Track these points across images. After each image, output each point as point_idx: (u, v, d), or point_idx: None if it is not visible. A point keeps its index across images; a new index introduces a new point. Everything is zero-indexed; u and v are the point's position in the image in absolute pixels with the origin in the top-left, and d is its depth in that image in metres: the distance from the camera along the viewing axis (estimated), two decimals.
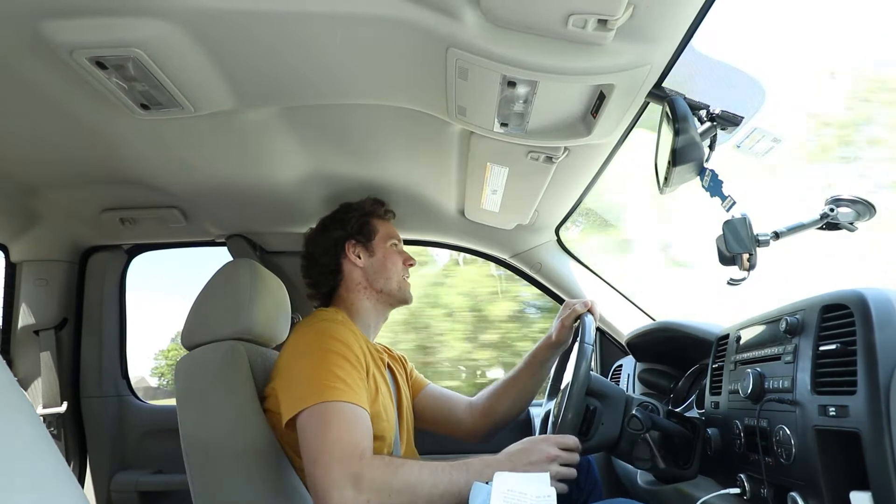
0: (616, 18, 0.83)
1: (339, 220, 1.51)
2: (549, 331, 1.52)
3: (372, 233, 1.49)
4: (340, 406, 1.11)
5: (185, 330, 1.40)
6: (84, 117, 1.27)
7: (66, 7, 0.92)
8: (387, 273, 1.45)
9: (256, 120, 1.34)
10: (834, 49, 2.49)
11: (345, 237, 1.47)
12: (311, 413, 1.11)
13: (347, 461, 1.05)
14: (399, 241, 1.53)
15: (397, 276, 1.46)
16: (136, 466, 2.13)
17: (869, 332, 0.80)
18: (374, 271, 1.45)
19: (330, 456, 1.05)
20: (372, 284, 1.44)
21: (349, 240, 1.47)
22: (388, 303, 1.47)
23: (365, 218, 1.50)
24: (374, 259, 1.46)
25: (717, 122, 1.06)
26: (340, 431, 1.08)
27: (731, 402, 1.16)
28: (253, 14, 0.97)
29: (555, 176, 1.47)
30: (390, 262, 1.47)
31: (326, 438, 1.07)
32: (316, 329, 1.24)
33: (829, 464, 0.84)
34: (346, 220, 1.50)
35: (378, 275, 1.45)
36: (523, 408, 1.58)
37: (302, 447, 1.11)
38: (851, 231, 1.11)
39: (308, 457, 1.09)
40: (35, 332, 2.04)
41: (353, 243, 1.46)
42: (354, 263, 1.45)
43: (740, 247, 1.05)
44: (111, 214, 1.87)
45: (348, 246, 1.46)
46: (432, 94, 1.17)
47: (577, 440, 1.16)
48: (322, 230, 1.52)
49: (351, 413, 1.12)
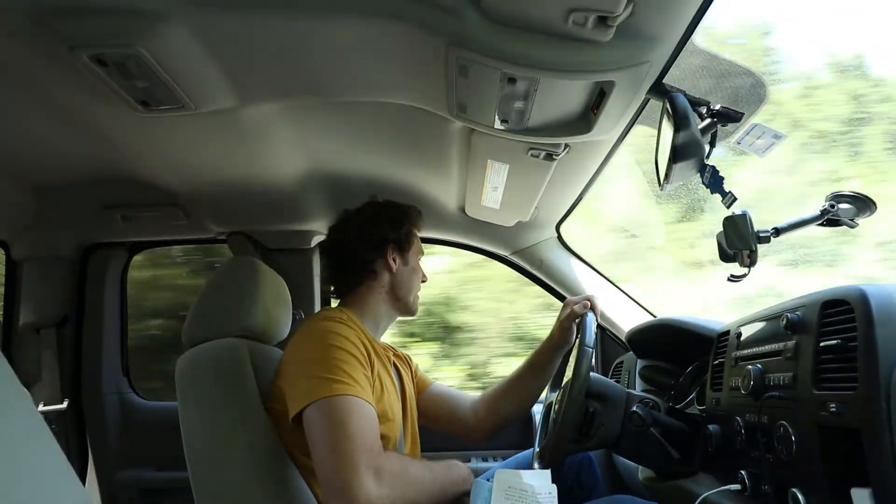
0: (616, 15, 0.83)
1: (390, 219, 1.47)
2: (551, 331, 1.52)
3: (410, 243, 1.49)
4: (351, 400, 1.11)
5: (186, 327, 1.40)
6: (85, 115, 1.28)
7: (67, 5, 0.92)
8: (410, 285, 1.47)
9: (257, 117, 1.34)
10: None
11: (392, 239, 1.44)
12: (319, 407, 1.11)
13: (367, 454, 1.07)
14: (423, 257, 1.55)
15: (416, 290, 1.49)
16: (138, 464, 2.13)
17: (870, 329, 0.80)
18: (401, 280, 1.45)
19: (350, 447, 1.06)
20: (395, 291, 1.44)
21: (393, 243, 1.44)
22: (400, 311, 1.48)
23: (409, 226, 1.49)
24: (406, 269, 1.46)
25: (718, 118, 1.06)
26: (358, 425, 1.09)
27: (731, 398, 1.16)
28: (254, 11, 0.97)
29: (555, 173, 1.47)
30: (416, 276, 1.48)
31: (343, 431, 1.08)
32: (320, 327, 1.24)
33: (829, 460, 0.85)
34: (397, 222, 1.47)
35: (403, 284, 1.45)
36: (527, 408, 1.58)
37: (313, 440, 1.11)
38: (852, 227, 1.11)
39: (323, 449, 1.09)
40: (36, 329, 2.04)
41: (395, 248, 1.45)
42: (388, 267, 1.43)
43: (741, 243, 1.05)
44: (112, 212, 1.87)
45: (391, 248, 1.43)
46: (433, 92, 1.17)
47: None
48: (370, 222, 1.45)
49: (363, 408, 1.13)
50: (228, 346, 1.33)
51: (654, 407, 1.28)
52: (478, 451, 2.11)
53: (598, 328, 2.04)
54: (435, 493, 1.17)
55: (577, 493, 1.42)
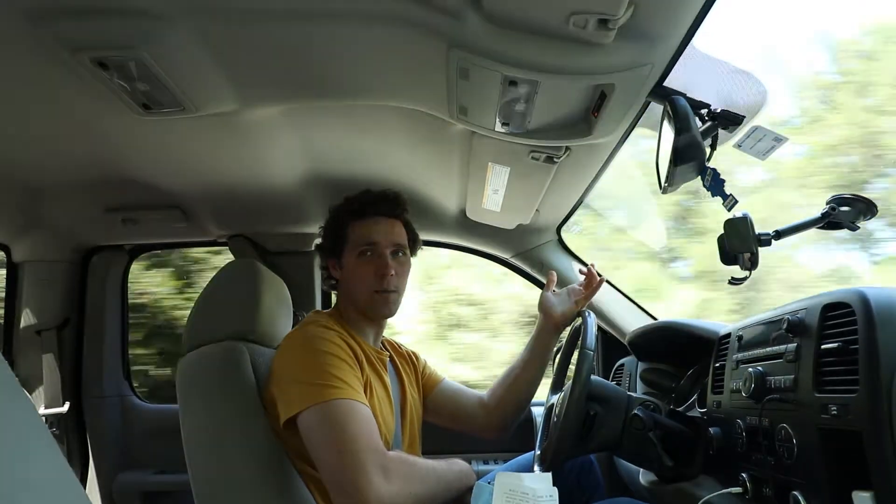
0: (617, 18, 0.83)
1: (326, 225, 1.42)
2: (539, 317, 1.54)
3: (344, 242, 1.36)
4: (347, 404, 1.12)
5: (186, 330, 1.40)
6: (86, 118, 1.28)
7: (69, 8, 0.92)
8: (354, 290, 1.34)
9: (258, 120, 1.34)
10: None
11: (326, 247, 1.40)
12: (315, 413, 1.11)
13: (373, 454, 1.08)
14: (377, 244, 1.33)
15: (365, 292, 1.32)
16: (139, 467, 2.13)
17: (871, 331, 0.80)
18: (348, 285, 1.37)
19: (355, 448, 1.07)
20: (350, 297, 1.37)
21: (327, 251, 1.39)
22: (363, 315, 1.36)
23: (340, 227, 1.38)
24: (345, 272, 1.36)
25: (719, 121, 1.06)
26: (358, 426, 1.10)
27: (732, 401, 1.15)
28: (254, 14, 0.97)
29: (556, 175, 1.47)
30: (356, 278, 1.33)
31: (345, 434, 1.08)
32: (305, 332, 1.25)
33: (830, 463, 0.84)
34: (325, 229, 1.41)
35: (351, 288, 1.36)
36: (532, 396, 1.56)
37: (314, 446, 1.11)
38: (853, 230, 1.11)
39: (326, 453, 1.09)
40: (37, 332, 2.04)
41: (329, 255, 1.39)
42: (335, 276, 1.40)
43: (742, 246, 1.05)
44: (113, 215, 1.87)
45: (328, 258, 1.40)
46: (433, 94, 1.17)
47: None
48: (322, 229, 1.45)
49: (359, 409, 1.13)
50: (229, 349, 1.32)
51: (655, 409, 1.27)
52: (479, 453, 2.11)
53: (598, 331, 2.04)
54: (441, 489, 1.18)
55: (577, 496, 1.42)
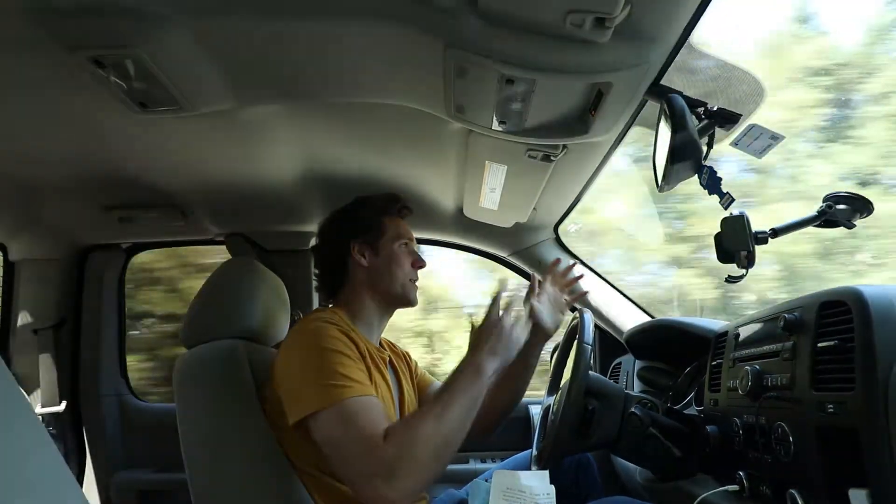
0: (614, 17, 0.83)
1: (349, 215, 1.46)
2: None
3: (380, 232, 1.44)
4: (356, 401, 1.11)
5: (184, 328, 1.40)
6: (82, 116, 1.27)
7: (67, 6, 0.92)
8: (391, 274, 1.41)
9: (255, 119, 1.34)
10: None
11: (351, 236, 1.43)
12: (327, 416, 1.10)
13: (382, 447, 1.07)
14: (411, 241, 1.46)
15: (402, 278, 1.41)
16: (136, 466, 2.12)
17: (867, 329, 0.80)
18: (378, 272, 1.41)
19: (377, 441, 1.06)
20: (375, 285, 1.41)
21: (355, 239, 1.42)
22: (390, 303, 1.44)
23: (376, 217, 1.45)
24: (380, 259, 1.42)
25: (715, 119, 1.06)
26: (368, 419, 1.10)
27: (729, 399, 1.16)
28: (251, 13, 0.97)
29: (553, 174, 1.47)
30: (395, 264, 1.41)
31: (358, 430, 1.08)
32: (310, 329, 1.23)
33: (827, 461, 0.85)
34: (356, 216, 1.45)
35: (382, 276, 1.41)
36: (521, 397, 1.56)
37: (329, 448, 1.11)
38: (849, 228, 1.12)
39: (344, 450, 1.09)
40: (33, 331, 2.04)
41: (360, 242, 1.42)
42: (359, 263, 1.41)
43: (738, 244, 1.05)
44: (110, 213, 1.86)
45: (354, 245, 1.42)
46: (431, 93, 1.17)
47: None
48: (331, 223, 1.48)
49: (369, 403, 1.13)
50: (227, 348, 1.32)
51: (652, 408, 1.28)
52: (476, 451, 2.11)
53: (595, 328, 2.04)
54: (456, 424, 1.10)
55: (575, 494, 1.42)
